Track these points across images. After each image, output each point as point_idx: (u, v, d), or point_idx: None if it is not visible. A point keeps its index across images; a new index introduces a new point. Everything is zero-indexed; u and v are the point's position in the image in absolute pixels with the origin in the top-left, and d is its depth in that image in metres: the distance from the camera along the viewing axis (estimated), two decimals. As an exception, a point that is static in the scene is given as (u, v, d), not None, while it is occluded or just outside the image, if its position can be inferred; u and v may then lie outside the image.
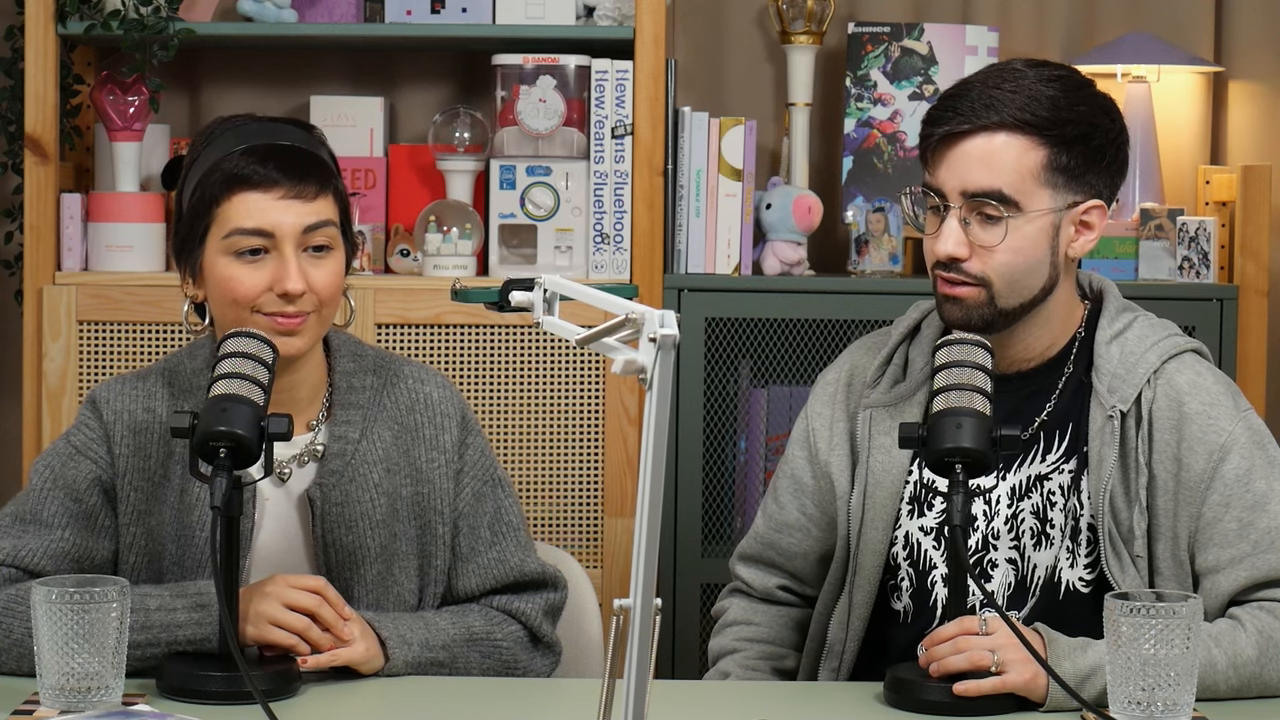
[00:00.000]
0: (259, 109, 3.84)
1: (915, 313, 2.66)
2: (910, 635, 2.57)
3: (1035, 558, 2.54)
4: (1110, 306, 2.58)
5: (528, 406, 3.60)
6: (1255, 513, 2.46)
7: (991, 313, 2.50)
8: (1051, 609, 2.52)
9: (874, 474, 2.59)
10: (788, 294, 3.68)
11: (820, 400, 2.69)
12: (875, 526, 2.58)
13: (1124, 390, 2.50)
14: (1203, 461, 2.47)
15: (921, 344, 2.62)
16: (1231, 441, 2.48)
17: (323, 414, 2.56)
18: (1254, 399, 3.68)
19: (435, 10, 3.65)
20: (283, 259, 2.45)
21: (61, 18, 3.57)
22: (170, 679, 2.32)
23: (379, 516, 2.52)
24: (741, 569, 2.76)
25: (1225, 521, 2.46)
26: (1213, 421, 2.48)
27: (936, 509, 2.57)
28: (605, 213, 3.63)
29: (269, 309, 2.45)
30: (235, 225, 2.45)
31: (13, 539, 2.46)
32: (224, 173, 2.46)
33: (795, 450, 2.70)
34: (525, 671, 2.56)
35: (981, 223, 2.49)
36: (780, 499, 2.71)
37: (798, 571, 2.72)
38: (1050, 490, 2.54)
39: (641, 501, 1.78)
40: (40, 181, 3.59)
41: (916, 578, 2.58)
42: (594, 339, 1.91)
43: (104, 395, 2.53)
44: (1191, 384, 2.51)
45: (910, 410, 2.58)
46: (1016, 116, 2.47)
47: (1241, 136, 4.00)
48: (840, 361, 2.72)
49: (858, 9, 3.98)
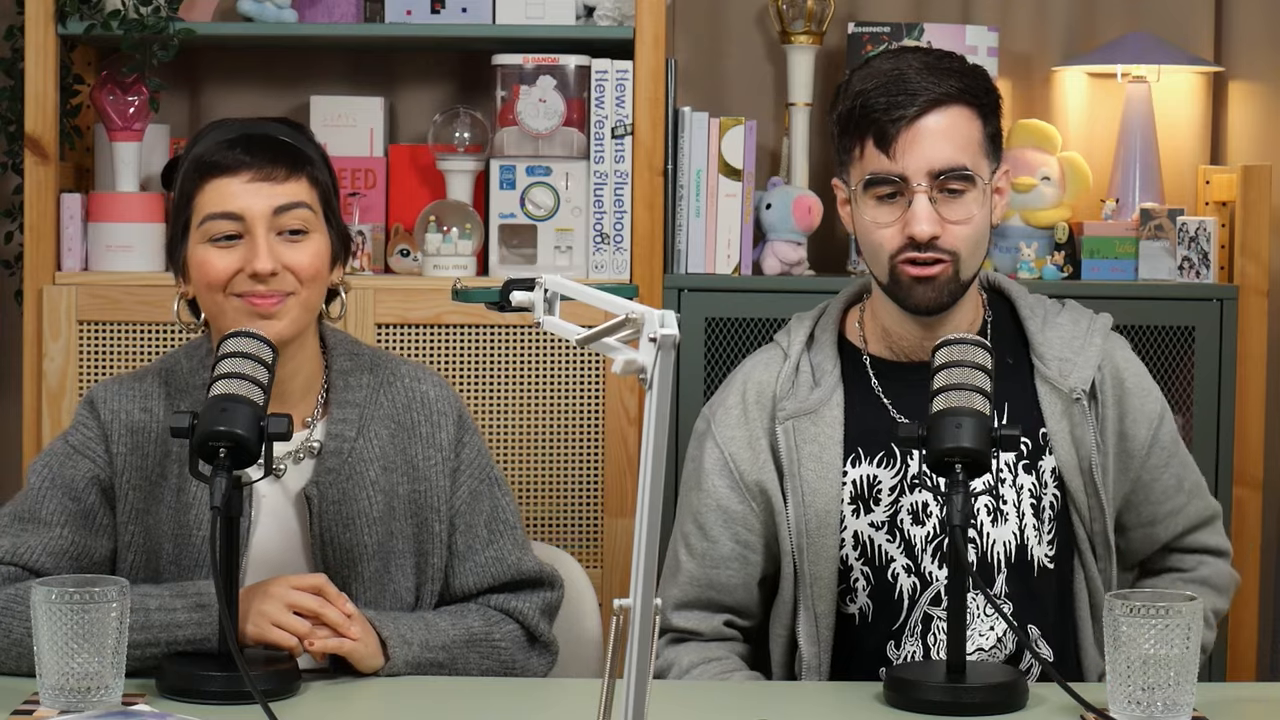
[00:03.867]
0: (259, 109, 3.87)
1: (804, 323, 2.69)
2: (876, 634, 2.59)
3: (994, 533, 2.58)
4: (1017, 291, 2.70)
5: (528, 406, 3.60)
6: (1185, 468, 2.70)
7: (956, 288, 2.56)
8: (1026, 586, 2.58)
9: (809, 483, 2.59)
10: (788, 294, 3.68)
11: (729, 425, 2.64)
12: (823, 534, 2.58)
13: (1081, 372, 2.61)
14: (1145, 430, 2.64)
15: (823, 349, 2.65)
16: (1163, 409, 2.67)
17: (318, 410, 2.56)
18: (1254, 399, 3.69)
19: (435, 10, 3.65)
20: (253, 240, 2.46)
21: (61, 18, 3.57)
22: (170, 679, 2.32)
23: (376, 515, 2.52)
24: (681, 619, 2.66)
25: (1165, 479, 2.67)
26: (1147, 392, 2.66)
27: (885, 503, 2.58)
28: (605, 213, 3.64)
29: (240, 289, 2.46)
30: (207, 211, 2.47)
31: (11, 537, 2.46)
32: (198, 163, 2.49)
33: (713, 481, 2.63)
34: (523, 671, 2.57)
35: (946, 199, 2.53)
36: (710, 534, 2.63)
37: (739, 604, 2.65)
38: (999, 468, 2.58)
39: (641, 501, 1.78)
40: (40, 181, 3.59)
41: (874, 575, 2.59)
42: (594, 339, 1.91)
43: (101, 395, 2.54)
44: (1125, 359, 2.67)
45: (830, 413, 2.60)
46: (959, 86, 2.54)
47: (1241, 136, 3.99)
48: (736, 386, 2.67)
49: (858, 9, 3.98)
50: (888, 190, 2.53)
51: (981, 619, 2.56)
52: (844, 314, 2.70)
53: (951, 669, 2.35)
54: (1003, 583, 2.57)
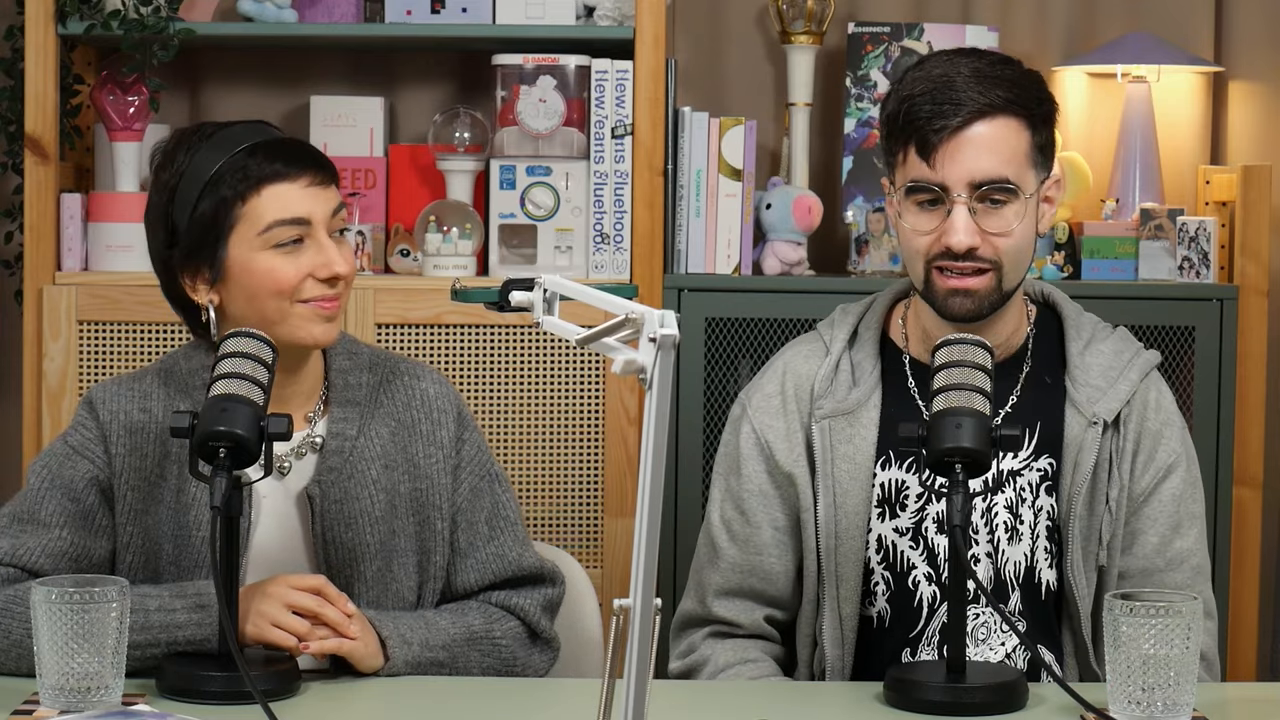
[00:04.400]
0: (259, 109, 3.87)
1: (848, 318, 2.68)
2: (894, 639, 2.58)
3: (1008, 552, 2.56)
4: (1068, 311, 2.65)
5: (528, 406, 3.60)
6: (1174, 533, 2.59)
7: (998, 299, 2.54)
8: (1036, 607, 2.56)
9: (841, 484, 2.58)
10: (788, 294, 3.68)
11: (767, 413, 2.64)
12: (850, 535, 2.58)
13: (1108, 403, 2.56)
14: (1149, 477, 2.58)
15: (864, 347, 2.64)
16: (1177, 464, 2.59)
17: (319, 407, 2.56)
18: (1254, 399, 3.69)
19: (435, 10, 3.65)
20: (320, 245, 2.48)
21: (61, 18, 3.57)
22: (170, 679, 2.32)
23: (378, 513, 2.53)
24: (723, 607, 2.65)
25: (1149, 535, 2.59)
26: (1166, 441, 2.59)
27: (911, 509, 2.57)
28: (605, 213, 3.63)
29: (309, 295, 2.47)
30: (274, 218, 2.47)
31: (10, 539, 2.46)
32: (241, 172, 2.47)
33: (752, 466, 2.63)
34: (524, 668, 2.57)
35: (988, 210, 2.50)
36: (752, 519, 2.63)
37: (780, 595, 2.64)
38: (1021, 486, 2.57)
39: (641, 501, 1.78)
40: (40, 181, 3.59)
41: (894, 580, 2.58)
42: (594, 339, 1.91)
43: (100, 396, 2.54)
44: (1156, 402, 2.60)
45: (867, 415, 2.59)
46: (1006, 97, 2.50)
47: (1241, 136, 3.99)
48: (776, 373, 2.67)
49: (858, 9, 3.98)
50: (928, 197, 2.51)
51: (996, 635, 2.55)
52: (890, 310, 2.68)
53: (951, 669, 2.35)
54: (1017, 600, 2.56)
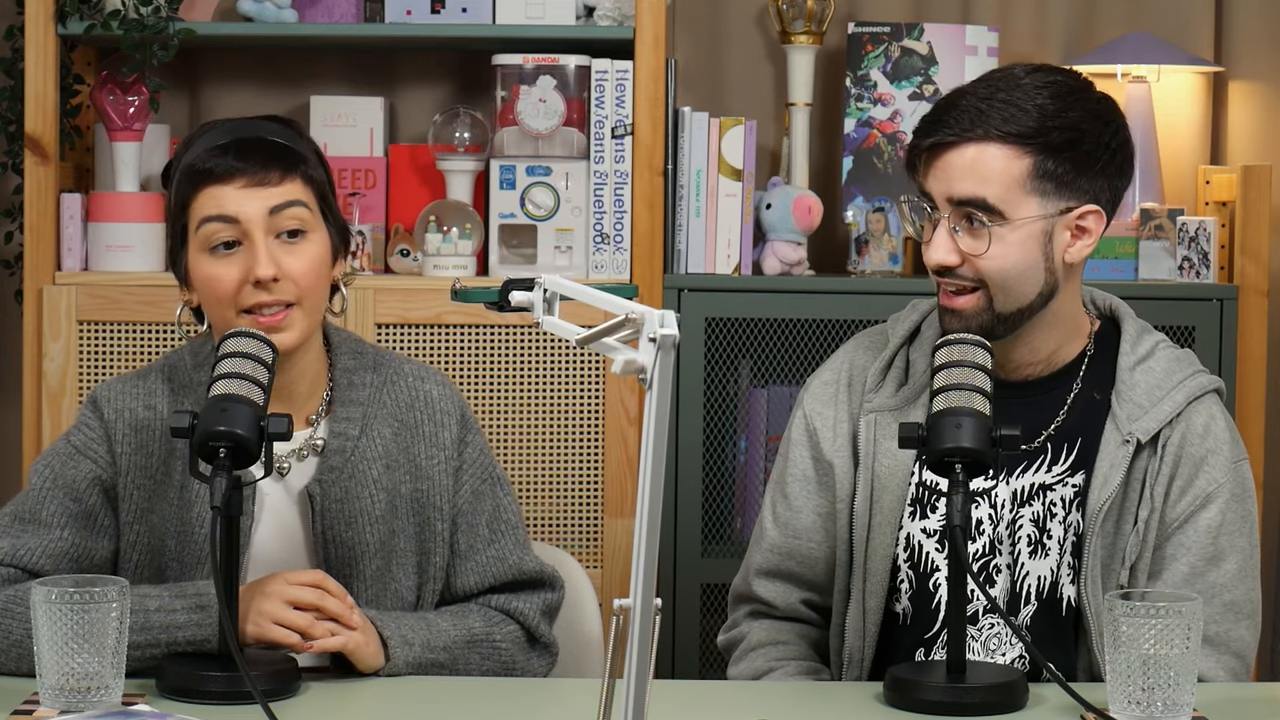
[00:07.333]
0: (259, 109, 3.87)
1: (914, 314, 2.66)
2: (912, 637, 2.57)
3: (1029, 566, 2.54)
4: (1129, 329, 2.59)
5: (528, 406, 3.60)
6: (1209, 565, 2.52)
7: (990, 319, 2.50)
8: (1056, 622, 2.54)
9: (880, 478, 2.58)
10: (788, 294, 3.68)
11: (820, 400, 2.66)
12: (882, 530, 2.58)
13: (1146, 422, 2.51)
14: (1185, 504, 2.52)
15: (922, 346, 2.62)
16: (1217, 493, 2.52)
17: (322, 409, 2.56)
18: (1254, 399, 3.68)
19: (435, 10, 3.65)
20: (252, 245, 2.45)
21: (61, 18, 3.57)
22: (170, 679, 2.32)
23: (378, 513, 2.53)
24: (761, 586, 2.68)
25: (1179, 563, 2.52)
26: (1208, 469, 2.52)
27: (940, 511, 2.57)
28: (605, 213, 3.64)
29: (249, 303, 2.45)
30: (202, 216, 2.46)
31: (11, 539, 2.46)
32: (190, 171, 2.48)
33: (798, 451, 2.66)
34: (523, 672, 2.57)
35: (968, 230, 2.49)
36: (794, 503, 2.65)
37: (817, 580, 2.66)
38: (1052, 501, 2.54)
39: (641, 501, 1.78)
40: (40, 181, 3.59)
41: (917, 580, 2.58)
42: (594, 339, 1.91)
43: (105, 395, 2.54)
44: (1204, 427, 2.54)
45: (914, 413, 2.57)
46: (1000, 129, 2.46)
47: (1241, 136, 4.00)
48: (837, 361, 2.69)
49: (858, 9, 3.98)
50: (926, 207, 2.52)
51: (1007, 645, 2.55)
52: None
53: (951, 669, 2.35)
54: (1028, 614, 2.54)
